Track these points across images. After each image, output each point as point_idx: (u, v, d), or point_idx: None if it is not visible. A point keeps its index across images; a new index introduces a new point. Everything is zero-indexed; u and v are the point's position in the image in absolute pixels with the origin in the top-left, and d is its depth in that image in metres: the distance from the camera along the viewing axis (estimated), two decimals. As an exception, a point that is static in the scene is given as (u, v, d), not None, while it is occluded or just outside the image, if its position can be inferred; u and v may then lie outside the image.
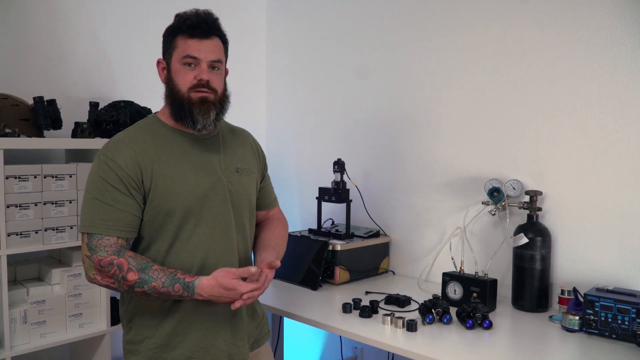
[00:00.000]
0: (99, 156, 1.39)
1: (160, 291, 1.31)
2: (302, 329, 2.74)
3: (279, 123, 3.04)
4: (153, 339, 1.42)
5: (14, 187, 1.87)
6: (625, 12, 1.81)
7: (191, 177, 1.42)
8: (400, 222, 2.47)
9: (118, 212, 1.34)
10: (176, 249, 1.41)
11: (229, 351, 1.46)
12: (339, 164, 2.37)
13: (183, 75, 1.41)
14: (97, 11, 2.39)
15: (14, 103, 1.98)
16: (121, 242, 1.36)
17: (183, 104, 1.41)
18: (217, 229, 1.45)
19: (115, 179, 1.35)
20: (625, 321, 1.60)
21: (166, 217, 1.39)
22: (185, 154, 1.44)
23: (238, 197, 1.50)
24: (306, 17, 2.87)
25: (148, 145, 1.41)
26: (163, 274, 1.32)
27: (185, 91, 1.41)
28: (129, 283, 1.32)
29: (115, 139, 1.43)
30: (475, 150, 2.21)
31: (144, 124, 1.48)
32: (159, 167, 1.39)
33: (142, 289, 1.32)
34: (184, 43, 1.41)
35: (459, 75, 2.25)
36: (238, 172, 1.52)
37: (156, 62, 1.49)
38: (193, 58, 1.40)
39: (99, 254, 1.32)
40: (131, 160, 1.36)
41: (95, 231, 1.33)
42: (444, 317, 1.76)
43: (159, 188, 1.38)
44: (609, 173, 1.87)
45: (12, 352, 1.88)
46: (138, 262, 1.33)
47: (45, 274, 2.10)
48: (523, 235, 1.92)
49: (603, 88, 1.87)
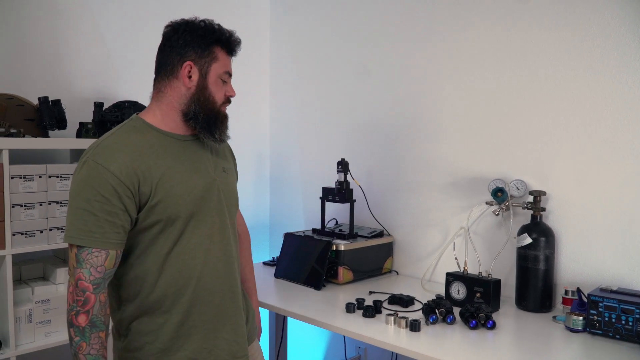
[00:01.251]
0: (86, 162, 1.29)
1: (78, 354, 1.27)
2: (306, 328, 2.75)
3: (283, 123, 3.04)
4: (154, 344, 1.38)
5: (19, 187, 1.88)
6: (629, 12, 1.81)
7: (188, 180, 1.39)
8: (404, 222, 2.47)
9: (107, 224, 1.27)
10: (177, 252, 1.38)
11: (231, 349, 1.47)
12: (342, 164, 2.37)
13: (219, 88, 1.44)
14: (101, 11, 2.41)
15: (19, 103, 1.99)
16: (109, 259, 1.29)
17: (217, 116, 1.43)
18: (214, 228, 1.44)
19: (107, 189, 1.27)
20: (629, 322, 1.60)
21: (168, 221, 1.35)
22: (180, 157, 1.41)
23: (228, 196, 1.50)
24: (310, 17, 2.87)
25: (142, 149, 1.34)
26: (96, 348, 1.28)
27: (219, 104, 1.45)
28: (74, 320, 1.27)
29: (105, 143, 1.33)
30: (479, 150, 2.20)
31: (131, 126, 1.40)
32: (157, 172, 1.34)
33: (73, 335, 1.27)
34: (225, 58, 1.44)
35: (463, 76, 2.25)
36: (225, 172, 1.53)
37: (184, 64, 1.39)
38: (229, 75, 1.47)
39: (82, 271, 1.26)
40: (126, 166, 1.29)
41: (83, 244, 1.26)
42: (447, 317, 1.76)
43: (160, 193, 1.33)
44: (613, 173, 1.87)
45: (17, 351, 1.89)
46: (99, 314, 1.28)
47: (50, 274, 2.11)
48: (527, 236, 1.92)
49: (607, 88, 1.87)
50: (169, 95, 1.41)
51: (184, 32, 1.40)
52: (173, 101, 1.41)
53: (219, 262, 1.44)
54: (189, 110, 1.41)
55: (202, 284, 1.40)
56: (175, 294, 1.38)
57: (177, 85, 1.40)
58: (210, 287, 1.42)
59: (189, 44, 1.39)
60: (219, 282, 1.44)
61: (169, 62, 1.40)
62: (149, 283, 1.36)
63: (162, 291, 1.37)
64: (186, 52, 1.39)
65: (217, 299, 1.44)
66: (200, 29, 1.41)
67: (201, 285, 1.40)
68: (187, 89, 1.40)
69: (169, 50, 1.41)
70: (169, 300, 1.38)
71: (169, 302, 1.38)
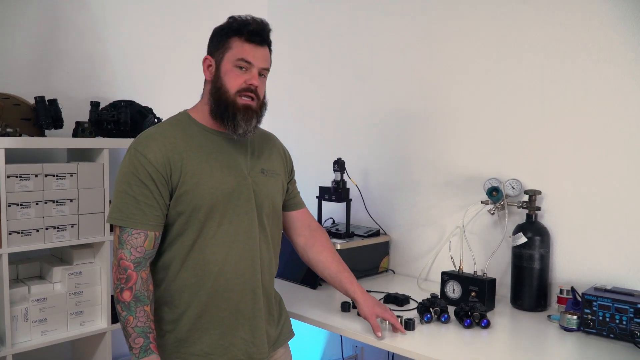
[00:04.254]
0: (130, 150, 1.41)
1: (127, 328, 1.33)
2: (304, 327, 2.75)
3: (280, 122, 3.04)
4: (174, 333, 1.44)
5: (15, 186, 1.89)
6: (627, 12, 1.81)
7: (218, 175, 1.44)
8: (401, 221, 2.47)
9: (146, 207, 1.36)
10: (199, 245, 1.42)
11: (247, 350, 1.48)
12: (339, 163, 2.37)
13: (234, 77, 1.44)
14: (98, 10, 2.41)
15: (16, 103, 2.00)
16: (148, 240, 1.37)
17: (228, 106, 1.44)
18: (240, 227, 1.46)
19: (144, 174, 1.36)
20: (623, 321, 1.60)
21: (192, 213, 1.40)
22: (214, 152, 1.46)
23: (262, 198, 1.51)
24: (307, 16, 2.88)
25: (178, 141, 1.42)
26: (143, 321, 1.33)
27: (233, 93, 1.44)
28: (120, 296, 1.34)
29: (147, 133, 1.45)
30: (475, 149, 2.21)
31: (175, 120, 1.50)
32: (188, 164, 1.41)
33: (120, 310, 1.34)
34: (239, 46, 1.44)
35: (458, 75, 2.25)
36: (263, 174, 1.54)
37: (202, 59, 1.49)
38: (247, 62, 1.44)
39: (123, 252, 1.35)
40: (161, 155, 1.38)
41: (124, 224, 1.36)
42: (441, 316, 1.76)
43: (187, 184, 1.40)
44: (608, 172, 1.87)
45: (13, 349, 1.90)
46: (141, 289, 1.35)
47: (47, 272, 2.12)
48: (522, 235, 1.92)
49: (603, 87, 1.87)
50: (204, 91, 1.51)
51: (214, 33, 1.50)
52: (205, 97, 1.50)
53: (242, 260, 1.46)
54: (210, 103, 1.47)
55: (221, 280, 1.44)
56: (195, 285, 1.43)
57: (205, 82, 1.51)
58: (229, 284, 1.45)
59: (212, 40, 1.49)
60: (239, 280, 1.46)
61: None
62: (172, 272, 1.43)
63: (182, 281, 1.43)
64: (209, 49, 1.50)
65: (235, 297, 1.46)
66: (225, 26, 1.47)
67: (220, 281, 1.44)
68: (209, 83, 1.49)
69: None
70: (188, 291, 1.43)
71: (188, 294, 1.43)
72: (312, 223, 1.78)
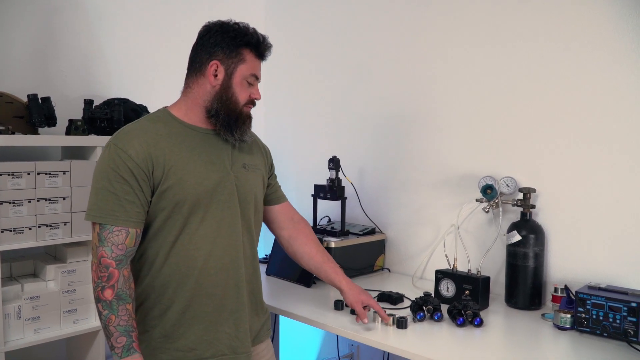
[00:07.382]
0: (109, 146, 1.39)
1: (109, 327, 1.31)
2: (300, 325, 2.74)
3: (276, 120, 3.04)
4: (157, 328, 1.43)
5: (8, 184, 1.88)
6: (620, 8, 1.80)
7: (201, 171, 1.44)
8: (396, 219, 2.47)
9: (127, 204, 1.35)
10: (183, 241, 1.42)
11: (231, 344, 1.48)
12: (334, 162, 2.37)
13: (244, 89, 1.49)
14: (92, 8, 2.40)
15: (8, 100, 1.99)
16: (130, 237, 1.36)
17: (238, 117, 1.49)
18: (223, 222, 1.47)
19: (125, 170, 1.35)
20: (617, 319, 1.59)
21: (175, 208, 1.40)
22: (197, 148, 1.46)
23: (245, 192, 1.52)
24: (304, 14, 2.87)
25: (160, 137, 1.42)
26: (125, 319, 1.32)
27: (242, 105, 1.50)
28: (101, 295, 1.32)
29: (127, 129, 1.43)
30: (470, 147, 2.20)
31: (155, 116, 1.49)
32: (171, 159, 1.40)
33: (102, 309, 1.32)
34: (253, 60, 1.49)
35: (453, 73, 2.24)
36: (245, 168, 1.55)
37: (210, 63, 1.46)
38: (256, 79, 1.51)
39: (104, 249, 1.33)
40: (142, 151, 1.37)
41: (104, 222, 1.34)
42: (434, 315, 1.75)
43: (170, 180, 1.39)
44: (603, 171, 1.86)
45: (6, 347, 1.89)
46: (123, 287, 1.33)
47: (40, 270, 2.11)
48: (516, 233, 1.91)
49: (597, 85, 1.86)
50: (195, 91, 1.49)
51: (215, 33, 1.47)
52: (198, 97, 1.48)
53: (225, 255, 1.46)
54: (211, 107, 1.47)
55: (204, 275, 1.44)
56: (178, 281, 1.43)
57: (203, 83, 1.48)
58: (213, 279, 1.45)
59: (218, 44, 1.46)
60: (223, 276, 1.46)
61: (199, 60, 1.48)
62: (155, 267, 1.42)
63: (166, 277, 1.42)
64: (215, 52, 1.46)
65: (219, 292, 1.46)
66: (232, 30, 1.47)
67: (204, 276, 1.44)
68: (212, 87, 1.47)
69: (200, 49, 1.48)
70: (172, 287, 1.42)
71: (172, 289, 1.43)
72: (295, 215, 1.79)
